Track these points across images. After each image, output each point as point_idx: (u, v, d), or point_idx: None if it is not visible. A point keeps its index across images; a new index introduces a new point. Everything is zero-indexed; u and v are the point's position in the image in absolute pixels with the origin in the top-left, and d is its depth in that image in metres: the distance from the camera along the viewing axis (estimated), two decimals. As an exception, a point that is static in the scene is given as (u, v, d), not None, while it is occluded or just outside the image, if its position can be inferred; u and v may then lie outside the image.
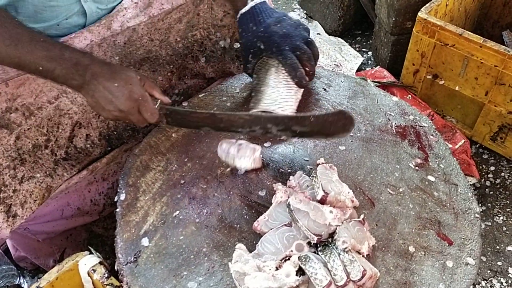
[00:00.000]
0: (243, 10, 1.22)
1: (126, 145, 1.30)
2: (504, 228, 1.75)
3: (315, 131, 1.06)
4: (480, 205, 1.82)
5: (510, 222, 1.77)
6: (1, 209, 1.06)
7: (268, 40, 1.19)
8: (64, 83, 1.01)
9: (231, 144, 1.08)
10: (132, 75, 1.02)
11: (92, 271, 1.05)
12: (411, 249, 0.98)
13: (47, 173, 1.15)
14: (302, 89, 1.24)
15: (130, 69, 1.07)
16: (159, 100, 1.07)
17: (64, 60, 0.98)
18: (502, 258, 1.67)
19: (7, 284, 1.52)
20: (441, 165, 1.15)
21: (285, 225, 0.96)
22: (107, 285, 1.02)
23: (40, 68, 0.97)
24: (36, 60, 0.96)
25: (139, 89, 1.02)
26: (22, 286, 1.54)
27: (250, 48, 1.22)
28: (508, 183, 1.90)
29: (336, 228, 0.92)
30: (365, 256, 0.92)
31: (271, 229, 0.96)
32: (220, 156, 1.09)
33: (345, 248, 0.88)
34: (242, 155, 1.08)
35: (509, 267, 1.64)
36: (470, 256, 0.99)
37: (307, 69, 1.20)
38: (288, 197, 0.98)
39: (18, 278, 1.54)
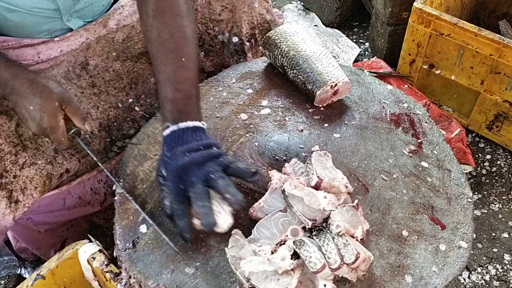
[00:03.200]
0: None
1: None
2: (500, 216, 1.77)
3: None
4: (476, 193, 1.84)
5: (506, 209, 1.79)
6: (3, 194, 1.07)
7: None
8: None
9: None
10: (49, 101, 0.98)
11: (92, 259, 1.07)
12: (405, 233, 1.00)
13: (48, 160, 1.16)
14: None
15: (53, 90, 1.00)
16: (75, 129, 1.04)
17: None
18: (498, 244, 1.69)
19: (8, 274, 1.55)
20: (434, 152, 1.16)
21: (280, 210, 0.97)
22: (106, 272, 1.04)
23: None
24: None
25: (49, 120, 0.98)
26: (24, 276, 1.56)
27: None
28: (504, 171, 1.91)
29: (330, 213, 0.93)
30: (359, 240, 0.94)
31: (266, 215, 0.98)
32: None
33: (339, 232, 0.90)
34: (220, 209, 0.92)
35: (505, 254, 1.66)
36: (462, 240, 1.00)
37: None
38: (283, 183, 0.99)
39: (19, 269, 1.56)
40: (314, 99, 1.23)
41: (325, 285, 0.88)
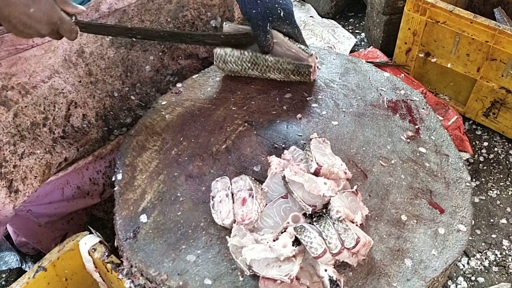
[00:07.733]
0: None
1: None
2: (498, 202, 1.78)
3: (223, 44, 1.23)
4: (474, 180, 1.85)
5: (504, 195, 1.79)
6: (3, 184, 1.08)
7: (288, 9, 1.17)
8: None
9: (224, 187, 1.02)
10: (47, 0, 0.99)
11: (93, 250, 1.07)
12: (404, 217, 1.00)
13: (47, 149, 1.17)
14: None
15: None
16: (73, 16, 1.05)
17: None
18: (496, 230, 1.70)
19: (9, 269, 1.55)
20: (432, 137, 1.17)
21: (281, 197, 0.98)
22: (107, 263, 1.04)
23: None
24: None
25: (56, 12, 1.00)
26: (25, 270, 1.56)
27: (269, 16, 1.16)
28: (501, 158, 1.92)
29: (330, 199, 0.94)
30: (359, 225, 0.95)
31: (270, 200, 0.98)
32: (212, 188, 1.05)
33: (339, 217, 0.90)
34: (220, 209, 1.00)
35: (503, 239, 1.67)
36: (461, 223, 1.01)
37: None
38: (283, 168, 1.00)
39: (20, 263, 1.56)
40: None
41: (326, 270, 0.88)
